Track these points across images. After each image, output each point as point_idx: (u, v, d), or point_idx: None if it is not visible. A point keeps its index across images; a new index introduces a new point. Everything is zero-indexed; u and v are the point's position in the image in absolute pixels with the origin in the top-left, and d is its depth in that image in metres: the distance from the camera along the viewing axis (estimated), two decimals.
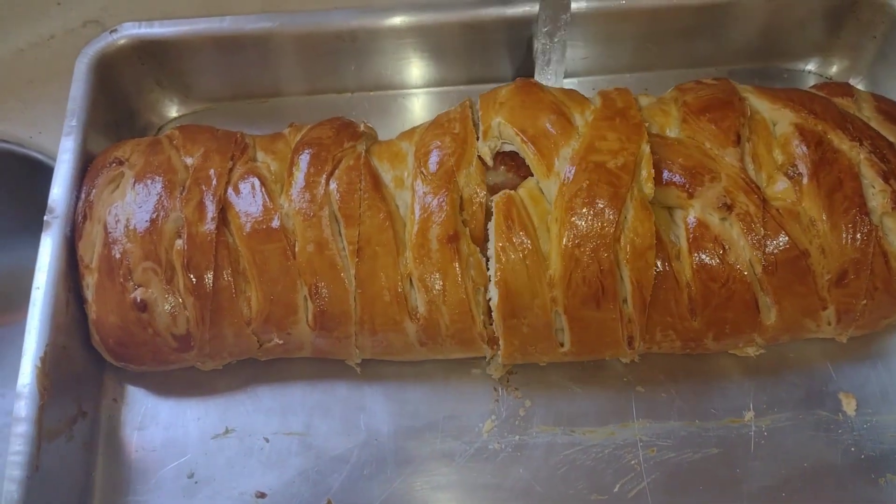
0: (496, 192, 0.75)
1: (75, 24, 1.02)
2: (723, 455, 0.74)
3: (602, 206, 0.69)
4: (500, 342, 0.72)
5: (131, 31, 0.88)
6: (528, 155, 0.74)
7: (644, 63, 0.95)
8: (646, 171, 0.71)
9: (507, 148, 0.76)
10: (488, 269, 0.72)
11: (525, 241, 0.70)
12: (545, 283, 0.70)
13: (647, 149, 0.72)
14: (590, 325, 0.70)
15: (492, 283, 0.71)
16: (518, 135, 0.75)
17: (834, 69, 0.95)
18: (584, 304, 0.69)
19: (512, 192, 0.73)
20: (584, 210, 0.69)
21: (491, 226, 0.72)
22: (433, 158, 0.75)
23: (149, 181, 0.77)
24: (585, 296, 0.69)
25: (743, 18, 0.91)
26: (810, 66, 0.95)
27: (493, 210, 0.72)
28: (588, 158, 0.71)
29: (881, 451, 0.74)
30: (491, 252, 0.72)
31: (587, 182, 0.70)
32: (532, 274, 0.70)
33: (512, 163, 0.76)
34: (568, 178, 0.71)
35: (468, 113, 0.78)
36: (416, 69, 0.95)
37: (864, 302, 0.72)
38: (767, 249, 0.70)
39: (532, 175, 0.74)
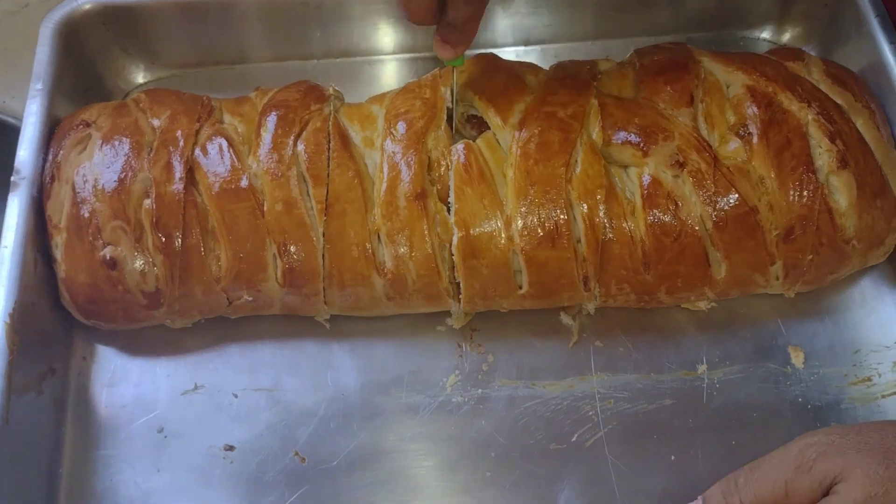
0: None
1: None
2: (676, 406, 0.78)
3: (554, 149, 0.74)
4: (461, 286, 0.76)
5: None
6: (486, 111, 0.79)
7: (606, 31, 0.98)
8: (594, 121, 0.76)
9: (472, 111, 0.81)
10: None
11: (482, 183, 0.74)
12: (502, 223, 0.74)
13: (595, 102, 0.77)
14: (546, 264, 0.74)
15: (453, 225, 0.75)
16: (476, 95, 0.80)
17: (787, 36, 0.98)
18: (539, 245, 0.74)
19: (470, 141, 0.77)
20: (537, 154, 0.74)
21: (451, 173, 0.76)
22: (403, 121, 0.79)
23: (116, 142, 0.78)
24: (541, 235, 0.73)
25: None
26: (765, 34, 0.99)
27: (453, 157, 0.76)
28: (540, 109, 0.77)
29: (826, 401, 0.78)
30: (452, 198, 0.75)
31: (539, 129, 0.76)
32: (489, 214, 0.74)
33: (476, 123, 0.81)
34: (522, 126, 0.76)
35: (438, 81, 0.82)
36: (382, 35, 0.97)
37: (811, 257, 0.76)
38: (718, 206, 0.74)
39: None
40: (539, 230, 0.74)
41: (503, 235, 0.74)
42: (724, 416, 0.77)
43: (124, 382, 0.80)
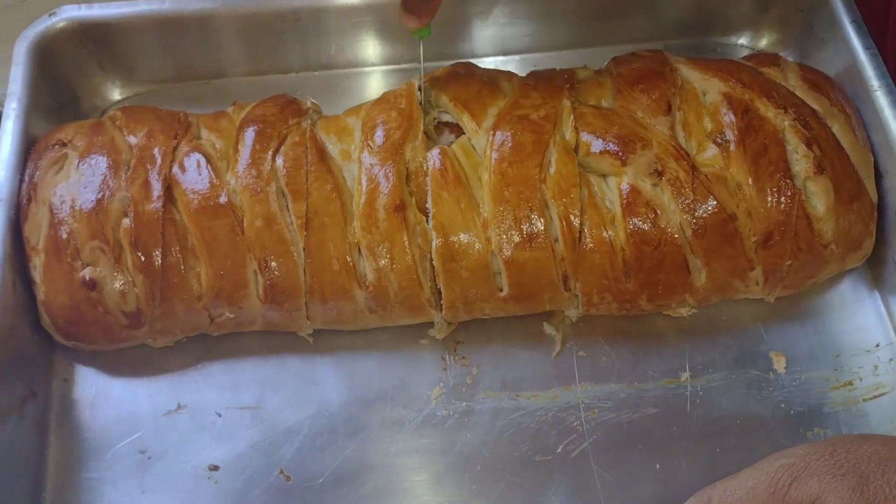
0: None
1: None
2: (660, 415, 0.78)
3: (527, 151, 0.76)
4: (442, 291, 0.76)
5: (71, 13, 0.90)
6: (460, 116, 0.81)
7: (584, 40, 0.99)
8: (567, 122, 0.78)
9: (446, 118, 0.82)
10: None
11: (458, 187, 0.76)
12: (479, 226, 0.75)
13: (567, 103, 0.79)
14: (525, 265, 0.75)
15: (431, 229, 0.76)
16: (451, 101, 0.81)
17: (764, 42, 0.99)
18: (518, 245, 0.75)
19: (445, 146, 0.79)
20: (511, 156, 0.76)
21: (428, 179, 0.77)
22: (380, 132, 0.79)
23: (93, 161, 0.79)
24: (518, 236, 0.75)
25: None
26: (742, 40, 1.00)
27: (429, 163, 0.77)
28: (513, 112, 0.79)
29: (809, 406, 0.79)
30: (430, 204, 0.77)
31: (512, 131, 0.77)
32: (467, 217, 0.76)
33: (454, 128, 0.82)
34: (495, 129, 0.78)
35: (414, 90, 0.82)
36: (360, 48, 0.98)
37: (789, 262, 0.77)
38: (697, 213, 0.75)
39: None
40: (516, 231, 0.75)
41: (481, 238, 0.75)
42: (708, 423, 0.78)
43: (106, 404, 0.80)
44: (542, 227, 0.75)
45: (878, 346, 0.81)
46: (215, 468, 0.77)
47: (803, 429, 0.78)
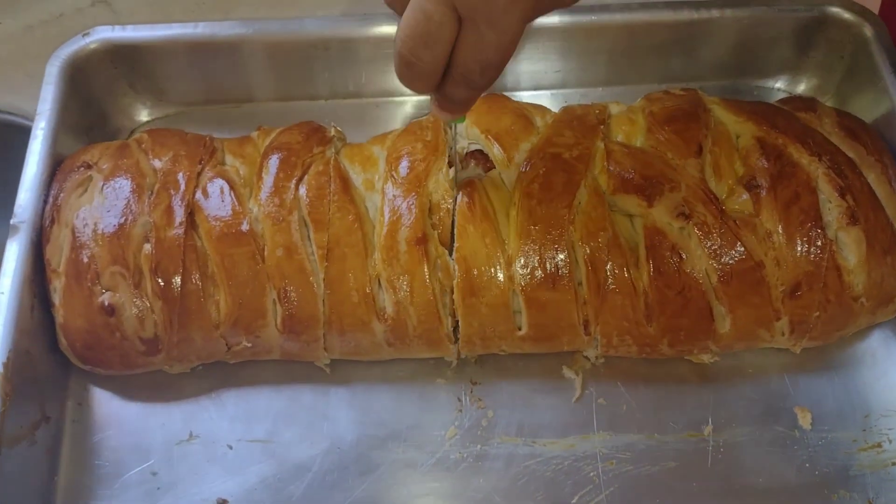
0: None
1: (84, 4, 1.10)
2: (680, 469, 0.78)
3: (557, 190, 0.78)
4: (459, 324, 0.78)
5: (104, 34, 0.93)
6: (491, 149, 0.83)
7: (617, 77, 1.00)
8: (599, 164, 0.79)
9: (475, 147, 0.84)
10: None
11: (484, 221, 0.77)
12: (503, 262, 0.76)
13: (601, 145, 0.81)
14: (546, 306, 0.76)
15: (453, 263, 0.77)
16: (483, 133, 0.83)
17: (802, 87, 1.00)
18: (540, 285, 0.76)
19: (475, 179, 0.81)
20: (540, 194, 0.78)
21: (455, 211, 0.79)
22: (404, 163, 0.81)
23: (117, 185, 0.81)
24: (541, 276, 0.76)
25: (715, 36, 0.96)
26: (780, 84, 1.01)
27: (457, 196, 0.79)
28: (545, 150, 0.80)
29: (835, 467, 0.78)
30: (455, 234, 0.78)
31: (543, 169, 0.79)
32: (490, 253, 0.77)
33: (481, 159, 0.84)
34: (526, 166, 0.79)
35: (440, 122, 0.84)
36: (390, 78, 1.00)
37: (817, 314, 0.77)
38: (723, 259, 0.75)
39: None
40: (540, 271, 0.76)
41: (504, 274, 0.76)
42: (729, 480, 0.78)
43: (119, 430, 0.82)
44: (567, 270, 0.76)
45: None
46: (224, 502, 0.78)
47: (828, 491, 0.77)
